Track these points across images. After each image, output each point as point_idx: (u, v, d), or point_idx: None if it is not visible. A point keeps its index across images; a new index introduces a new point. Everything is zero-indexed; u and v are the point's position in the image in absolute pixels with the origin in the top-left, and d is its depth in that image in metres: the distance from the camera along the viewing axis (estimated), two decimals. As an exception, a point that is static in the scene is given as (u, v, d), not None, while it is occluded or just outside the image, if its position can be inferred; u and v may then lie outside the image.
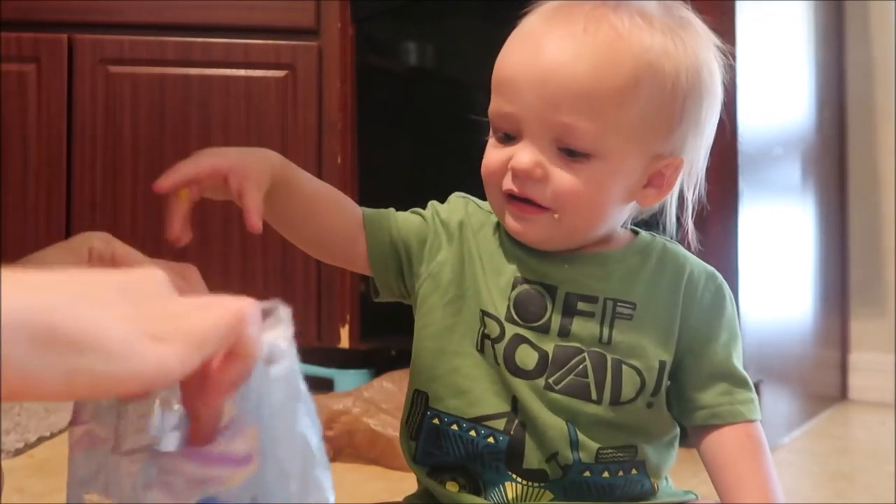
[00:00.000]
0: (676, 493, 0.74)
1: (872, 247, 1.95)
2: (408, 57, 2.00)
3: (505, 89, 0.68)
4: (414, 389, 0.74)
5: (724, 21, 1.41)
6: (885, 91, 1.93)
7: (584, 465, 0.69)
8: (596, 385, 0.69)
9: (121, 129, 1.95)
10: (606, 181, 0.68)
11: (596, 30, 0.65)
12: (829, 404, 1.86)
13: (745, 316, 1.42)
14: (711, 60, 0.70)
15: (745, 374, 0.73)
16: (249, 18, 2.00)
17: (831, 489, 1.28)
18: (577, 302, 0.70)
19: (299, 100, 2.00)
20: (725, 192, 1.41)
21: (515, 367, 0.69)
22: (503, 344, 0.70)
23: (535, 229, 0.69)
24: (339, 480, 0.45)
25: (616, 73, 0.65)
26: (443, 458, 0.71)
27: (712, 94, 0.71)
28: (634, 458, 0.70)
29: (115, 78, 1.95)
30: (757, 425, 0.71)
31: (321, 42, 2.01)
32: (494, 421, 0.69)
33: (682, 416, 0.73)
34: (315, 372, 1.88)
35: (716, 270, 0.75)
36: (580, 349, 0.69)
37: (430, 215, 0.75)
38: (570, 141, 0.66)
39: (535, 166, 0.66)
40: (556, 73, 0.65)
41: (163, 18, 1.98)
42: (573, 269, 0.71)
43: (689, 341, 0.72)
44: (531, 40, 0.68)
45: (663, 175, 0.71)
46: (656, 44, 0.66)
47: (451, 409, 0.71)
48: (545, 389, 0.68)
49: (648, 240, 0.75)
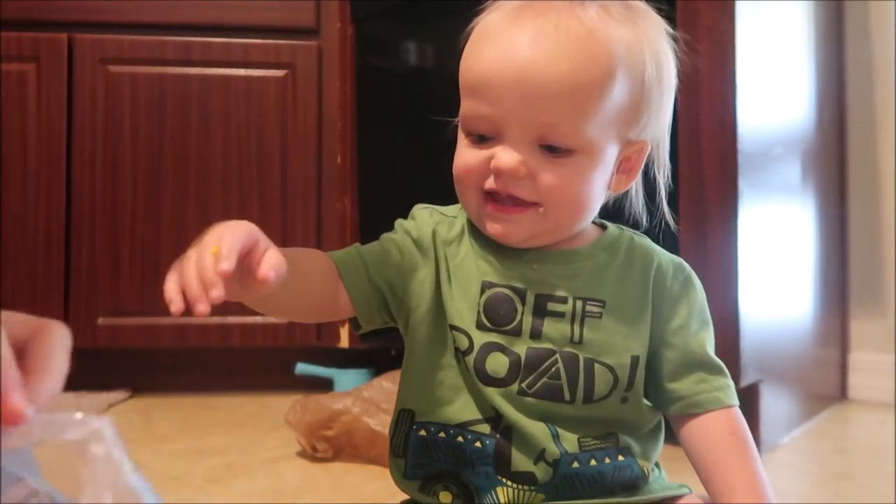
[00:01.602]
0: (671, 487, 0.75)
1: (872, 247, 1.95)
2: (407, 57, 2.00)
3: (481, 91, 0.67)
4: (400, 409, 0.74)
5: (724, 21, 1.41)
6: (885, 91, 1.93)
7: (571, 456, 0.69)
8: (569, 386, 0.69)
9: (120, 128, 1.95)
10: (589, 174, 0.68)
11: (567, 26, 0.65)
12: (828, 404, 1.86)
13: (744, 316, 1.42)
14: (666, 46, 0.72)
15: (718, 361, 0.74)
16: (249, 18, 2.00)
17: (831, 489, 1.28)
18: (547, 303, 0.70)
19: (299, 99, 2.00)
20: (725, 192, 1.41)
21: (487, 376, 0.69)
22: (472, 356, 0.70)
23: (517, 229, 0.69)
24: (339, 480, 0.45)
25: (593, 69, 0.65)
26: (433, 467, 0.71)
27: (669, 78, 0.72)
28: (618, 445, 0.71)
29: (115, 77, 1.96)
30: (735, 411, 0.72)
31: (321, 41, 2.01)
32: (480, 426, 0.70)
33: (660, 406, 0.74)
34: (315, 372, 1.89)
35: (683, 261, 0.76)
36: (552, 350, 0.70)
37: (401, 238, 0.74)
38: (552, 139, 0.66)
39: (519, 165, 0.66)
40: (535, 72, 0.65)
41: (162, 18, 1.98)
42: (542, 270, 0.71)
43: (661, 332, 0.72)
44: (501, 40, 0.67)
45: (630, 160, 0.72)
46: (623, 36, 0.67)
47: (438, 419, 0.71)
48: (519, 395, 0.69)
49: (616, 234, 0.75)
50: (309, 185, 2.00)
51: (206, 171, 1.97)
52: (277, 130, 1.99)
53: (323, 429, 1.40)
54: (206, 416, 1.79)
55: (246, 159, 1.98)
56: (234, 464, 1.42)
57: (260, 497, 1.24)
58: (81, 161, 1.94)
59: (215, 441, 1.58)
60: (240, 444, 1.55)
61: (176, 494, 1.23)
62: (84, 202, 1.94)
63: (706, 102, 1.42)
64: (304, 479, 1.33)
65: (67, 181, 1.94)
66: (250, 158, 1.98)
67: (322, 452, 1.41)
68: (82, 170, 1.94)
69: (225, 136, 1.98)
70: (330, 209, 2.00)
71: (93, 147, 1.95)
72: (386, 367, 1.66)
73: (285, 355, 1.95)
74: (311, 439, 1.41)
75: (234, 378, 2.04)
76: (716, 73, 1.41)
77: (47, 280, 1.93)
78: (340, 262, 0.71)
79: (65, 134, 1.94)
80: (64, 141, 1.94)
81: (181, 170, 1.97)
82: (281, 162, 1.99)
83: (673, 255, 0.76)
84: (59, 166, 1.94)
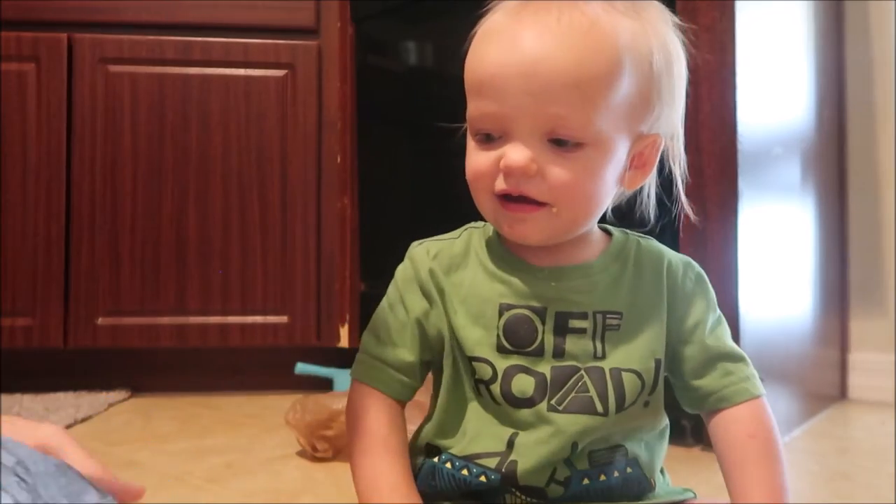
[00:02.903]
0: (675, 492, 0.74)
1: (872, 247, 1.95)
2: (407, 56, 2.00)
3: (487, 89, 0.66)
4: (426, 442, 0.74)
5: (724, 21, 1.41)
6: (885, 91, 1.93)
7: (582, 473, 0.68)
8: (599, 398, 0.68)
9: (120, 128, 1.95)
10: (599, 168, 0.67)
11: (570, 19, 0.65)
12: (828, 404, 1.86)
13: (744, 316, 1.42)
14: (674, 37, 0.71)
15: (739, 349, 0.74)
16: (249, 18, 2.00)
17: (831, 489, 1.28)
18: (568, 320, 0.70)
19: (299, 99, 2.00)
20: (725, 191, 1.41)
21: (516, 399, 0.68)
22: (498, 383, 0.69)
23: (535, 228, 0.68)
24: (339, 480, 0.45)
25: (600, 60, 0.65)
26: (435, 498, 0.71)
27: (679, 67, 0.71)
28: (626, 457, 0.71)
29: (115, 77, 1.96)
30: (762, 402, 0.72)
31: (321, 41, 2.01)
32: (487, 459, 0.69)
33: (692, 406, 0.74)
34: (315, 371, 1.89)
35: (690, 259, 0.75)
36: (577, 367, 0.69)
37: (410, 284, 0.74)
38: (561, 132, 0.65)
39: (529, 162, 0.65)
40: (542, 66, 0.64)
41: (162, 18, 1.98)
42: (559, 287, 0.70)
43: (679, 332, 0.72)
44: (505, 38, 0.66)
45: (644, 154, 0.71)
46: (628, 26, 0.67)
47: (448, 448, 0.71)
48: (549, 412, 0.68)
49: (623, 241, 0.75)
50: (309, 185, 1.99)
51: (206, 171, 1.97)
52: (277, 130, 1.99)
53: (323, 429, 1.40)
54: (206, 416, 1.79)
55: (246, 159, 1.98)
56: (234, 463, 1.42)
57: (260, 497, 1.24)
58: (81, 161, 1.94)
59: (215, 441, 1.58)
60: (240, 443, 1.55)
61: (176, 494, 1.23)
62: (84, 202, 1.94)
63: (706, 102, 1.42)
64: (304, 478, 1.33)
65: (67, 181, 1.94)
66: (250, 158, 1.98)
67: (322, 452, 1.41)
68: (82, 170, 1.94)
69: (225, 136, 1.98)
70: (330, 209, 2.00)
71: (93, 147, 1.95)
72: (386, 366, 1.66)
73: (285, 355, 1.95)
74: (311, 439, 1.41)
75: (234, 378, 2.04)
76: (715, 73, 1.41)
77: (47, 280, 1.93)
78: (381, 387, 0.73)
79: (65, 134, 1.94)
80: (64, 141, 1.94)
81: (181, 170, 1.97)
82: (281, 162, 1.99)
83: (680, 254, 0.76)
84: (59, 166, 1.94)
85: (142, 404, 1.90)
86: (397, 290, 0.74)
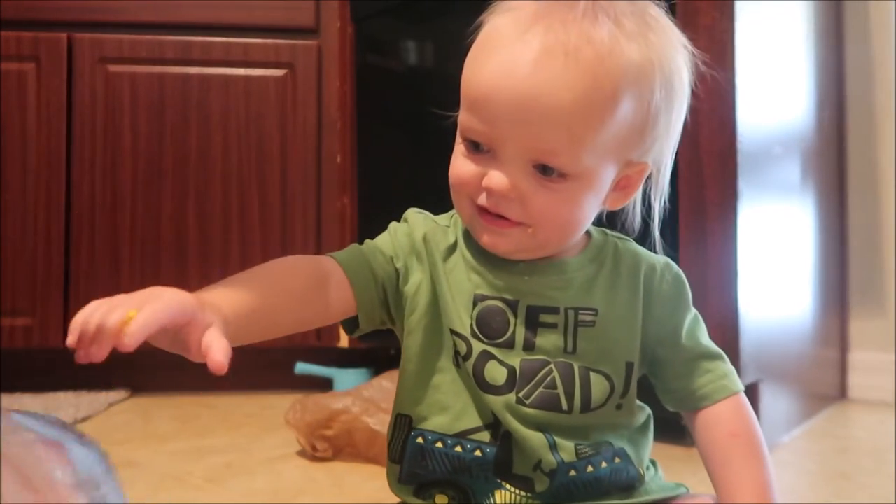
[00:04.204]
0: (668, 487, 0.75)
1: (872, 246, 1.95)
2: (407, 56, 2.00)
3: (480, 109, 0.65)
4: (397, 414, 0.74)
5: (723, 21, 1.41)
6: (885, 91, 1.93)
7: (568, 465, 0.69)
8: (566, 395, 0.69)
9: (120, 128, 1.95)
10: (581, 197, 0.67)
11: (577, 51, 0.62)
12: (828, 403, 1.86)
13: (744, 315, 1.42)
14: (682, 65, 0.70)
15: (716, 347, 0.74)
16: (249, 17, 2.00)
17: (830, 488, 1.28)
18: (539, 314, 0.70)
19: (299, 99, 2.00)
20: (725, 191, 1.41)
21: (486, 383, 0.69)
22: (472, 361, 0.69)
23: (510, 242, 0.68)
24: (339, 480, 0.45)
25: (598, 99, 0.63)
26: (428, 477, 0.71)
27: (681, 101, 0.70)
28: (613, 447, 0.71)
29: (115, 77, 1.96)
30: (742, 398, 0.72)
31: (321, 41, 2.01)
32: (479, 433, 0.70)
33: (673, 405, 0.75)
34: (315, 371, 1.89)
35: (668, 259, 0.75)
36: (546, 361, 0.69)
37: (398, 239, 0.73)
38: (548, 162, 0.65)
39: (510, 189, 0.65)
40: (535, 99, 0.62)
41: (162, 17, 1.98)
42: (533, 281, 0.70)
43: (658, 334, 0.73)
44: (507, 56, 0.64)
45: (630, 178, 0.71)
46: (634, 60, 0.64)
47: (435, 427, 0.71)
48: (517, 404, 0.68)
49: (601, 241, 0.75)
50: (309, 184, 1.99)
51: (206, 171, 1.97)
52: (277, 130, 1.99)
53: (323, 428, 1.40)
54: (206, 416, 1.79)
55: (246, 159, 1.98)
56: (233, 463, 1.42)
57: (260, 497, 1.24)
58: (81, 161, 1.94)
59: (215, 441, 1.58)
60: (240, 443, 1.55)
61: (176, 494, 1.23)
62: (84, 202, 1.94)
63: (706, 102, 1.42)
64: (304, 478, 1.33)
65: (67, 181, 1.94)
66: (250, 158, 1.98)
67: (322, 452, 1.41)
68: (82, 170, 1.94)
69: (225, 135, 1.98)
70: (329, 209, 2.00)
71: (93, 147, 1.95)
72: (385, 366, 1.67)
73: (285, 355, 1.95)
74: (311, 439, 1.41)
75: (234, 378, 2.04)
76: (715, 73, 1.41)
77: (47, 280, 1.93)
78: (345, 263, 0.71)
79: (65, 134, 1.94)
80: (64, 141, 1.94)
81: (181, 170, 1.96)
82: (280, 161, 1.99)
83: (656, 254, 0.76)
84: (59, 166, 1.94)
85: (142, 404, 1.90)
86: (387, 234, 0.75)
